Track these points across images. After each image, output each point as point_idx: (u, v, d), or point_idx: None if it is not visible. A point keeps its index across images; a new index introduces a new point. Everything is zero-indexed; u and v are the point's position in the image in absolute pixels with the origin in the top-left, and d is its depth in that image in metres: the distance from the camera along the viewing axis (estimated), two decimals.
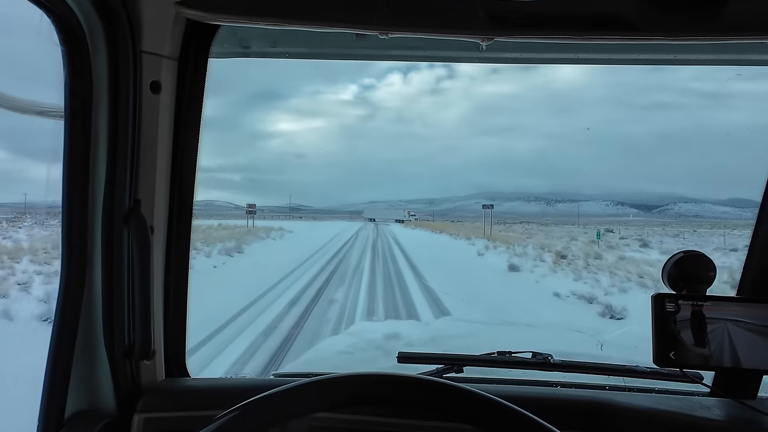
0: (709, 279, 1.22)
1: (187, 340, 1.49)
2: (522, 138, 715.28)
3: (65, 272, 1.17)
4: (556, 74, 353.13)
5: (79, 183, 1.15)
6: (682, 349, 1.19)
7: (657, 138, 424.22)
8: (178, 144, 1.32)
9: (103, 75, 1.13)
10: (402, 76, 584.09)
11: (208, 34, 1.29)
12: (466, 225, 67.87)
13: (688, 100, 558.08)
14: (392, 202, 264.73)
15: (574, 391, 1.36)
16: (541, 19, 1.08)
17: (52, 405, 1.17)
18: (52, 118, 1.13)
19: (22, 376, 1.80)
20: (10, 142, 18.02)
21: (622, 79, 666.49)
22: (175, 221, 1.36)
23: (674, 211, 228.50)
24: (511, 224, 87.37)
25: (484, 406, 0.88)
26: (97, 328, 1.23)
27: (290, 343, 7.94)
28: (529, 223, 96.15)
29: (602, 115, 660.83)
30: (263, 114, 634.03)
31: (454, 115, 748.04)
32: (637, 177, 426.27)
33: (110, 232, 1.20)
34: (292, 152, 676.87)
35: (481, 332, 2.66)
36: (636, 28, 1.09)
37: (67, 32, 1.06)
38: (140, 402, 1.29)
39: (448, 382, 0.93)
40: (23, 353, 6.09)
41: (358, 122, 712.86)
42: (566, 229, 66.09)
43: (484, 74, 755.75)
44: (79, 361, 1.21)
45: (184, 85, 1.29)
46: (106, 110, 1.15)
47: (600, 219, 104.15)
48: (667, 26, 1.08)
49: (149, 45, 1.18)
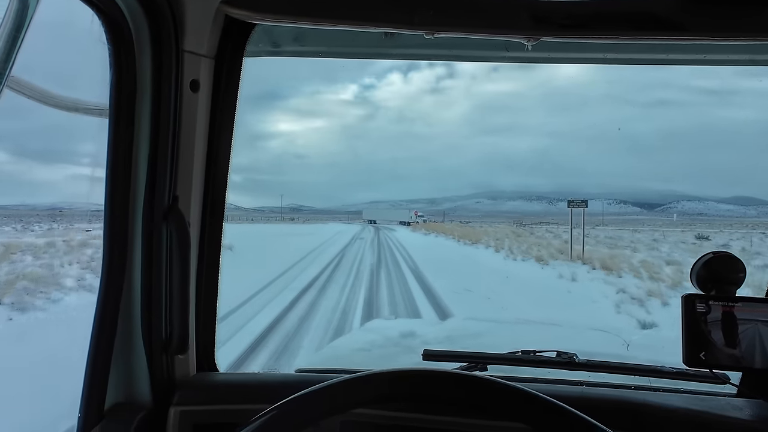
0: (738, 280, 1.22)
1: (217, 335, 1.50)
2: (523, 136, 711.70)
3: (106, 266, 1.19)
4: (557, 72, 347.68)
5: (121, 179, 1.18)
6: (713, 350, 1.19)
7: (659, 135, 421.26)
8: (213, 142, 1.34)
9: (147, 73, 1.15)
10: (402, 76, 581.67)
11: (244, 33, 1.30)
12: (490, 230, 47.21)
13: (691, 97, 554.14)
14: (393, 202, 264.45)
15: (603, 391, 1.36)
16: (586, 19, 1.09)
17: (92, 397, 1.19)
18: (96, 116, 1.15)
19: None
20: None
21: (623, 77, 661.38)
22: (209, 218, 1.38)
23: (677, 209, 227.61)
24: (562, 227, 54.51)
25: (539, 407, 0.89)
26: (135, 322, 1.25)
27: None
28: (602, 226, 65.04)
29: (604, 113, 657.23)
30: (263, 114, 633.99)
31: (455, 113, 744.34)
32: (639, 175, 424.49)
33: (150, 228, 1.22)
34: (293, 153, 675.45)
35: (497, 330, 2.66)
36: (680, 28, 1.09)
37: (115, 31, 1.08)
38: (176, 395, 1.31)
39: (503, 381, 0.93)
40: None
41: (358, 122, 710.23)
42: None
43: (485, 72, 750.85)
44: (118, 354, 1.23)
45: (219, 83, 1.31)
46: (149, 108, 1.17)
47: (600, 218, 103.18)
48: (714, 25, 1.08)
49: (191, 44, 1.19)
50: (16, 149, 19.83)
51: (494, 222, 72.18)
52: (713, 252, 1.26)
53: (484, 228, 54.05)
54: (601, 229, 57.98)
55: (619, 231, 50.62)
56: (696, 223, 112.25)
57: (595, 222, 71.87)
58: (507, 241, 31.29)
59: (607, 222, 74.10)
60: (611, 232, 46.80)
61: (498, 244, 29.94)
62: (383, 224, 72.37)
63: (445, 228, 52.41)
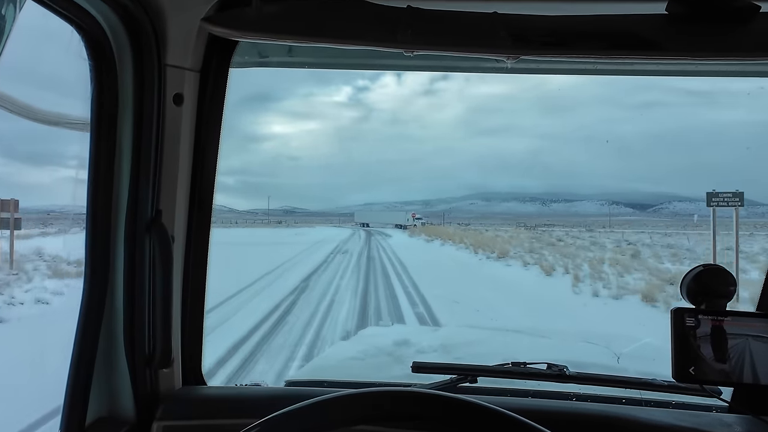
0: (729, 293, 1.21)
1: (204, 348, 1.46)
2: (516, 138, 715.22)
3: (88, 280, 1.18)
4: (548, 75, 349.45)
5: (103, 192, 1.17)
6: (702, 365, 1.18)
7: (648, 137, 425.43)
8: (198, 155, 1.33)
9: (129, 88, 1.14)
10: (396, 78, 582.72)
11: (229, 46, 1.30)
12: (503, 235, 35.60)
13: (679, 99, 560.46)
14: (387, 203, 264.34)
15: (591, 405, 1.35)
16: (565, 37, 1.08)
17: (74, 411, 1.17)
18: (79, 131, 1.13)
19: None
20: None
21: (613, 80, 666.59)
22: (194, 231, 1.37)
23: (669, 210, 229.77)
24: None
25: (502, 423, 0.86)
26: (118, 336, 1.24)
27: None
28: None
29: (595, 114, 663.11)
30: (256, 116, 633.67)
31: (449, 116, 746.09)
32: (629, 176, 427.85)
33: (133, 241, 1.21)
34: (286, 155, 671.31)
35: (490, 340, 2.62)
36: (660, 48, 1.08)
37: (96, 48, 1.08)
38: (159, 410, 1.30)
39: (470, 399, 0.90)
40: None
41: (352, 124, 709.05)
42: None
43: (478, 75, 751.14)
44: (100, 368, 1.22)
45: (204, 96, 1.30)
46: (131, 122, 1.16)
47: (595, 219, 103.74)
48: (691, 46, 1.08)
49: (173, 58, 1.19)
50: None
51: (493, 224, 67.30)
52: (703, 265, 1.25)
53: (492, 232, 42.84)
54: (613, 231, 45.38)
55: (666, 237, 33.54)
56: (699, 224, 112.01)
57: (601, 223, 68.87)
58: (549, 256, 20.43)
59: (606, 223, 72.07)
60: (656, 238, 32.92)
61: (539, 260, 18.94)
62: (377, 227, 60.22)
63: (448, 232, 41.60)
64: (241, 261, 17.24)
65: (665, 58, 1.11)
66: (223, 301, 10.54)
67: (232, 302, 10.78)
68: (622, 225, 62.80)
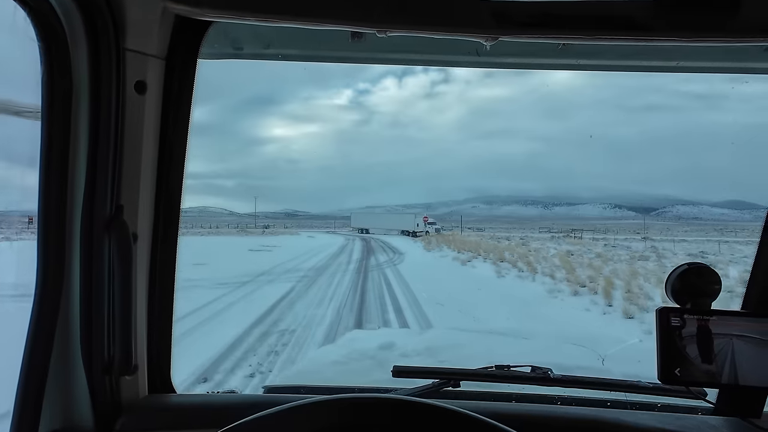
0: (714, 292, 1.18)
1: (173, 353, 1.41)
2: (517, 141, 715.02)
3: (41, 282, 1.11)
4: (550, 77, 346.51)
5: (56, 187, 1.10)
6: (688, 366, 1.15)
7: (650, 140, 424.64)
8: (165, 147, 1.27)
9: (84, 73, 1.08)
10: (397, 80, 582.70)
11: (197, 33, 1.24)
12: (545, 246, 27.17)
13: (681, 102, 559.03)
14: (390, 207, 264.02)
15: (576, 409, 1.31)
16: (548, 19, 1.04)
17: (23, 423, 1.10)
18: (30, 119, 1.07)
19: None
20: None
21: (616, 82, 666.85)
22: (161, 229, 1.31)
23: (672, 213, 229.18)
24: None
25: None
26: (74, 342, 1.16)
27: None
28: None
29: (597, 118, 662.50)
30: (257, 119, 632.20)
31: (450, 118, 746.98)
32: (632, 179, 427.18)
33: (90, 240, 1.14)
34: (287, 158, 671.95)
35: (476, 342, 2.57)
36: (645, 29, 1.05)
37: (45, 27, 1.01)
38: (120, 420, 1.23)
39: (448, 406, 0.87)
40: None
41: (353, 127, 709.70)
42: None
43: (479, 78, 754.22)
44: (54, 376, 1.15)
45: (171, 85, 1.24)
46: (87, 110, 1.09)
47: (598, 222, 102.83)
48: (677, 28, 1.04)
49: (134, 43, 1.12)
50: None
51: (498, 227, 63.62)
52: (688, 263, 1.22)
53: (536, 242, 29.88)
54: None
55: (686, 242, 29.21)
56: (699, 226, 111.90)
57: (606, 227, 66.16)
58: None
59: (607, 227, 70.38)
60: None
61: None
62: (379, 234, 47.13)
63: (474, 244, 27.44)
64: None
65: (650, 39, 1.07)
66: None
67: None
68: (646, 229, 57.79)
